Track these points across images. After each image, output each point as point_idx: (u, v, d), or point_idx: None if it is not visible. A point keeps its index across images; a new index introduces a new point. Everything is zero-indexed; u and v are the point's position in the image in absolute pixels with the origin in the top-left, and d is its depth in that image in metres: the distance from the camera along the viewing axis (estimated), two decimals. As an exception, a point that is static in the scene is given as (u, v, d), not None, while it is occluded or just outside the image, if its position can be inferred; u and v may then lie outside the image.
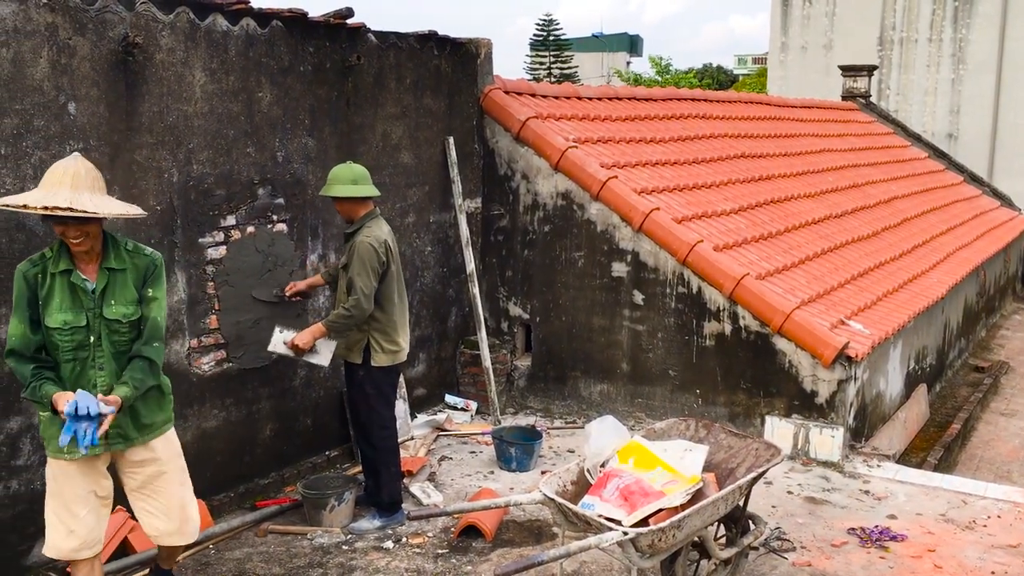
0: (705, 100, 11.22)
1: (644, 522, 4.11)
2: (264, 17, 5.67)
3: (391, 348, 5.45)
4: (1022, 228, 15.43)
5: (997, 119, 21.10)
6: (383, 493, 5.48)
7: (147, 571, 4.77)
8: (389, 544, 5.28)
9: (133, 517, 4.99)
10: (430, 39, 7.14)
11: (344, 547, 5.24)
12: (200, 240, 5.40)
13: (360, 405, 5.53)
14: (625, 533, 3.91)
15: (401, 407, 6.92)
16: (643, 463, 4.45)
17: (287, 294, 5.83)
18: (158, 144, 5.10)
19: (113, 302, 3.88)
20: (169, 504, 4.14)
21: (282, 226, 5.95)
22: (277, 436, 6.04)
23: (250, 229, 5.71)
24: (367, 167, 6.57)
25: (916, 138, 16.72)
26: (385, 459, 5.47)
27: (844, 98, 16.58)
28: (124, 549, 4.92)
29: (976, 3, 21.14)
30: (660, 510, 4.19)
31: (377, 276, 5.29)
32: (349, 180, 5.35)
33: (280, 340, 5.52)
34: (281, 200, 5.91)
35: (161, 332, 4.01)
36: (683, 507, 4.20)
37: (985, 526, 5.77)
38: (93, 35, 4.71)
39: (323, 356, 5.54)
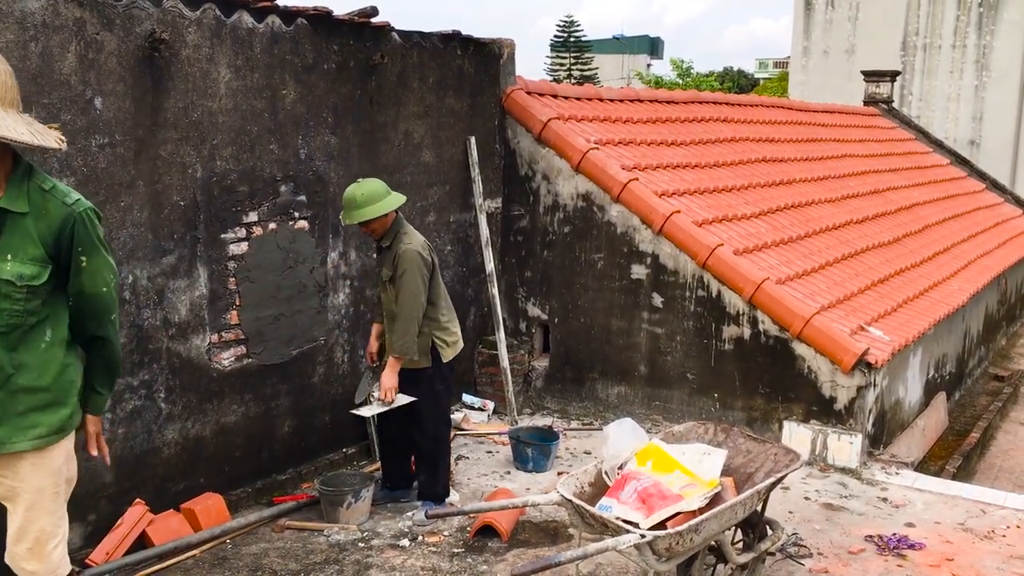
0: (727, 103, 11.19)
1: (662, 525, 4.09)
2: (289, 15, 5.69)
3: (452, 340, 5.61)
4: (1045, 237, 15.30)
5: (1020, 127, 20.94)
6: (439, 486, 5.69)
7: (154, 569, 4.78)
8: (405, 542, 5.29)
9: (153, 511, 5.04)
10: (453, 39, 7.15)
11: (360, 544, 5.25)
12: (222, 236, 5.43)
13: (427, 403, 5.53)
14: (643, 536, 3.90)
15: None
16: (661, 466, 4.44)
17: (372, 364, 5.80)
18: (182, 140, 5.13)
19: (10, 256, 2.99)
20: (24, 530, 3.27)
21: (303, 223, 5.97)
22: (295, 432, 6.07)
23: (272, 226, 5.74)
24: (389, 166, 6.63)
25: (938, 144, 16.61)
26: (444, 452, 5.72)
27: (866, 103, 16.49)
28: (142, 542, 4.95)
29: (1001, 10, 20.98)
30: (678, 513, 4.17)
31: (427, 281, 5.35)
32: (377, 197, 5.25)
33: (374, 401, 5.48)
34: (303, 197, 5.94)
35: (114, 304, 3.28)
36: (701, 511, 4.19)
37: (1004, 536, 5.73)
38: (120, 30, 4.75)
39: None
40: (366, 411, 5.52)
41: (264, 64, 5.56)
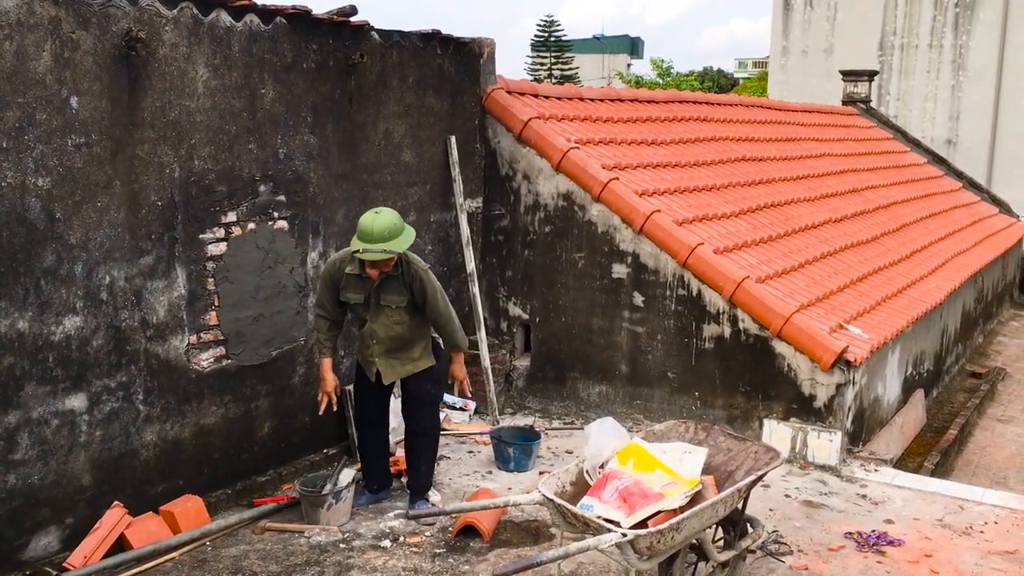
0: (706, 103, 11.22)
1: (643, 524, 4.10)
2: (268, 14, 5.66)
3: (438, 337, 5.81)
4: (1020, 235, 15.46)
5: (996, 126, 21.14)
6: (431, 479, 5.87)
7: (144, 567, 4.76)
8: (387, 543, 5.28)
9: (131, 514, 5.00)
10: (433, 38, 7.13)
11: (341, 545, 5.23)
12: (201, 236, 5.39)
13: (437, 398, 5.83)
14: (624, 535, 3.91)
15: (399, 406, 6.90)
16: (642, 465, 4.45)
17: (330, 405, 5.64)
18: (160, 139, 5.09)
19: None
20: None
21: (283, 223, 5.94)
22: (275, 433, 6.04)
23: (251, 226, 5.70)
24: (368, 165, 6.60)
25: (915, 143, 16.74)
26: (436, 448, 5.91)
27: (844, 103, 16.60)
28: (121, 545, 4.91)
29: (977, 10, 21.17)
30: (659, 512, 4.18)
31: None
32: (400, 229, 5.23)
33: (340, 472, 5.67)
34: (282, 197, 5.90)
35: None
36: (682, 509, 4.20)
37: (982, 532, 5.77)
38: (96, 29, 4.70)
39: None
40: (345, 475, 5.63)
41: (242, 63, 5.52)
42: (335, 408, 5.71)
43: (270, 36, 5.69)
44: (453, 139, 7.39)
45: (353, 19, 6.21)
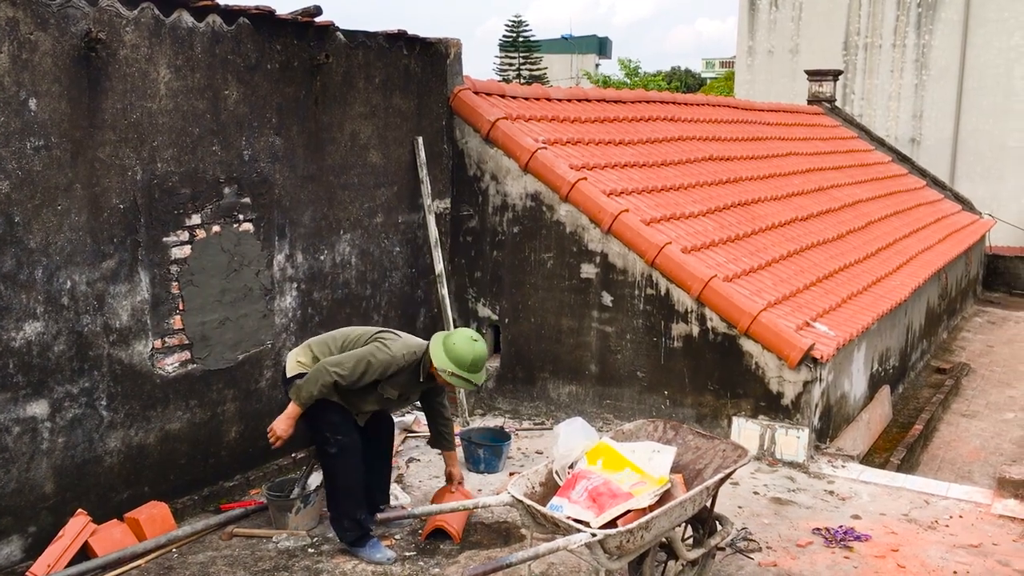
0: (674, 103, 11.28)
1: (612, 523, 4.11)
2: (230, 14, 5.60)
3: None
4: (983, 232, 15.68)
5: (959, 124, 21.44)
6: (336, 510, 5.24)
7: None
8: (356, 547, 5.24)
9: (96, 521, 4.93)
10: (399, 38, 7.10)
11: (310, 550, 5.19)
12: (164, 239, 5.33)
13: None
14: (593, 535, 3.91)
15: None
16: (611, 464, 4.45)
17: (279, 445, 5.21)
18: (121, 141, 5.02)
19: None
20: None
21: (248, 226, 5.88)
22: (242, 438, 5.98)
23: (215, 228, 5.64)
24: (335, 166, 6.56)
25: (880, 142, 16.94)
26: (331, 479, 5.29)
27: (810, 102, 16.76)
28: (85, 553, 4.84)
29: (939, 9, 21.46)
30: (628, 511, 4.19)
31: None
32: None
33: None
34: (247, 199, 5.85)
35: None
36: (651, 508, 4.21)
37: (947, 526, 5.85)
38: (55, 30, 4.63)
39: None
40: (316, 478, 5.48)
41: (205, 64, 5.46)
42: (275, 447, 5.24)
43: (233, 37, 5.63)
44: (420, 140, 7.36)
45: (318, 19, 6.17)
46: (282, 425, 5.05)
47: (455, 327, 7.64)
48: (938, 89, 21.57)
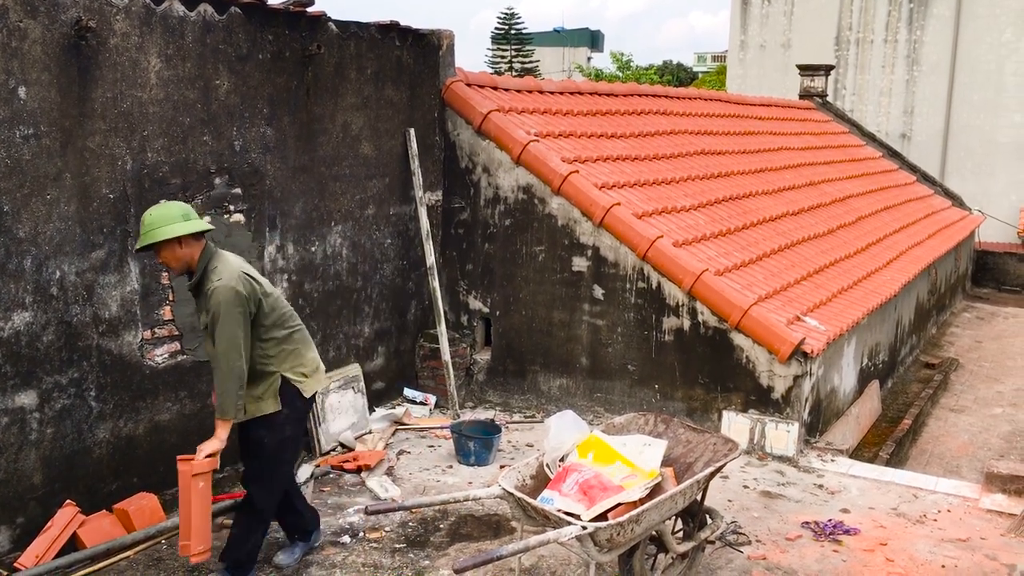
0: (666, 96, 11.26)
1: (603, 516, 4.11)
2: (222, 3, 5.57)
3: (312, 369, 4.67)
4: (972, 227, 15.74)
5: (949, 120, 21.51)
6: (246, 552, 4.60)
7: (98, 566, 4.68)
8: (346, 539, 5.23)
9: (84, 512, 4.91)
10: (392, 30, 7.07)
11: (300, 542, 5.18)
12: (155, 230, 5.29)
13: (272, 455, 4.59)
14: (584, 527, 3.91)
15: (359, 400, 6.87)
16: (602, 457, 4.45)
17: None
18: (111, 131, 4.99)
19: None
20: None
21: (239, 216, 5.86)
22: (233, 429, 5.94)
23: (206, 219, 5.61)
24: (326, 157, 6.53)
25: (871, 137, 16.97)
26: (269, 515, 4.71)
27: (802, 97, 16.77)
28: (74, 544, 4.82)
29: (931, 5, 21.51)
30: (619, 504, 4.19)
31: (247, 320, 4.33)
32: (165, 221, 4.25)
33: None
34: (238, 190, 5.82)
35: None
36: (642, 501, 4.21)
37: (936, 520, 5.87)
38: (45, 18, 4.59)
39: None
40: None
41: (196, 53, 5.43)
42: None
43: (224, 26, 5.60)
44: (412, 131, 7.34)
45: (310, 10, 6.14)
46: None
47: (446, 319, 7.63)
48: (929, 85, 21.63)
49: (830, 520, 5.74)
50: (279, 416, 4.54)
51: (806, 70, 16.90)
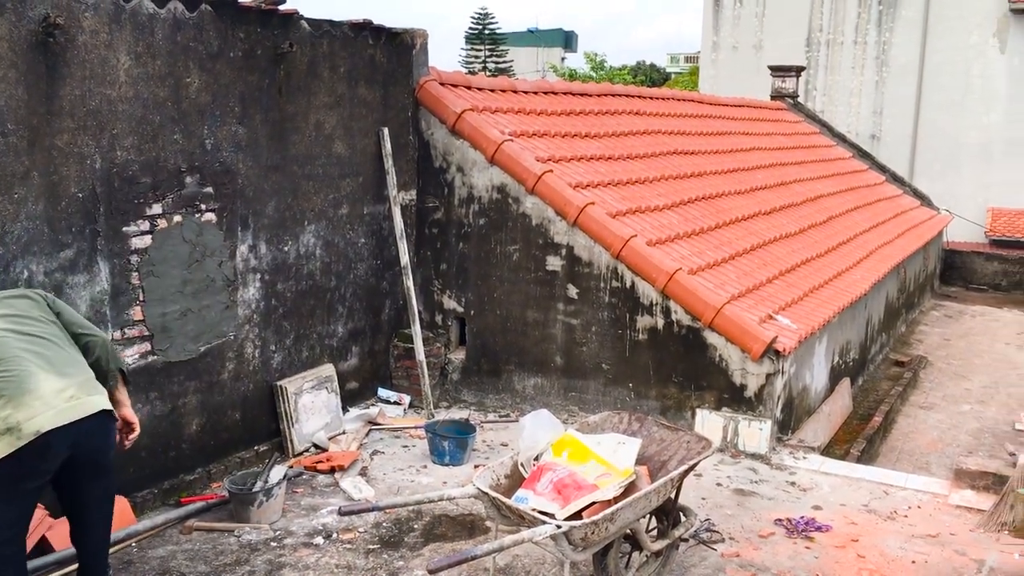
0: (639, 96, 11.30)
1: (578, 515, 4.11)
2: (192, 1, 5.51)
3: (13, 423, 3.61)
4: (941, 227, 15.94)
5: (918, 122, 21.77)
6: None
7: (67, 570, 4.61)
8: (319, 540, 5.20)
9: (53, 515, 4.84)
10: (365, 28, 7.04)
11: (273, 544, 5.14)
12: (124, 229, 5.23)
13: None
14: (558, 526, 3.92)
15: (333, 400, 6.83)
16: (577, 456, 4.46)
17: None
18: (80, 129, 4.93)
19: None
20: None
21: (211, 216, 5.81)
22: (204, 431, 5.90)
23: (177, 218, 5.56)
24: (299, 156, 6.49)
25: (841, 138, 17.13)
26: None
27: (773, 98, 16.90)
28: (42, 548, 4.75)
29: (899, 7, 21.75)
30: (593, 503, 4.20)
31: None
32: None
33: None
34: (210, 189, 5.77)
35: None
36: (616, 500, 4.22)
37: (906, 516, 5.93)
38: (12, 15, 4.53)
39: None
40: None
41: (166, 51, 5.37)
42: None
43: (195, 23, 5.55)
44: (386, 131, 7.31)
45: (281, 7, 6.10)
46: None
47: (420, 319, 7.61)
48: (898, 86, 21.87)
49: (802, 517, 5.79)
50: None
51: (777, 71, 17.03)
